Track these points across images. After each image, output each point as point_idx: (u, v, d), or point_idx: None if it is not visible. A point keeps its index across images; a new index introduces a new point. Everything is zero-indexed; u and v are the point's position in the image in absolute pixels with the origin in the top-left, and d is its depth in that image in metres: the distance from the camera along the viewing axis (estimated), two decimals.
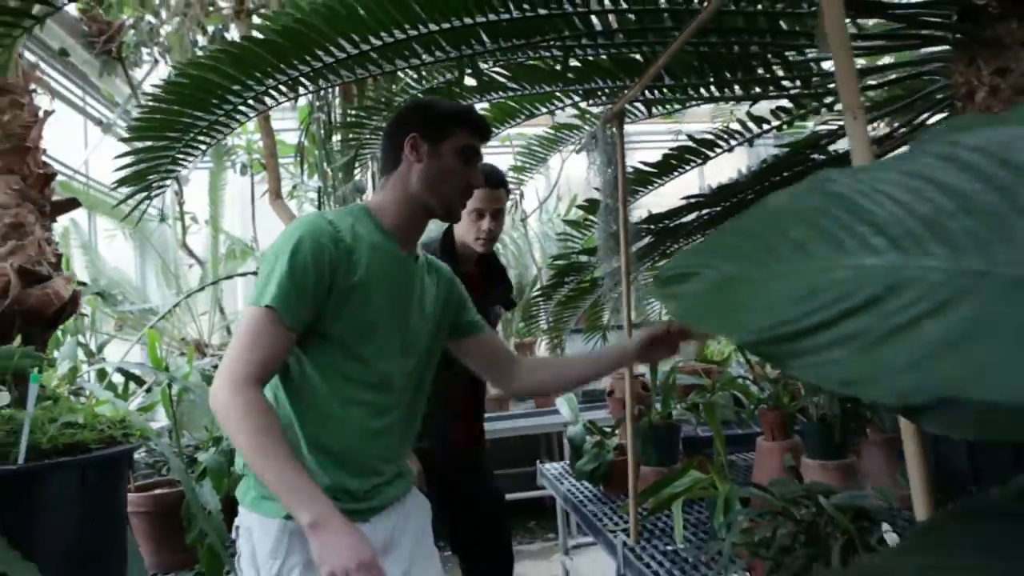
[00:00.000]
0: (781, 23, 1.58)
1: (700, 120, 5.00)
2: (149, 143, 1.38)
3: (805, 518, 1.27)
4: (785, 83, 1.79)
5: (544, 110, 2.17)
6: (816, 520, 1.25)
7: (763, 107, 2.15)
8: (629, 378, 1.94)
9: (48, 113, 2.12)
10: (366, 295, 1.26)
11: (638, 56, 1.79)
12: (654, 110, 2.10)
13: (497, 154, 4.28)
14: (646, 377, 2.42)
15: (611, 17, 1.66)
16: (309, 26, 1.18)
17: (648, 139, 5.23)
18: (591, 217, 2.44)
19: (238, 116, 1.40)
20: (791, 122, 2.02)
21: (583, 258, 2.48)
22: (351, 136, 2.64)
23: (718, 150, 2.18)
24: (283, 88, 1.37)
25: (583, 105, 2.18)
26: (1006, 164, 0.37)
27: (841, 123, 1.97)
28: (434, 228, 1.89)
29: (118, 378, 3.18)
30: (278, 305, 1.19)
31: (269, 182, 3.76)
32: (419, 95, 2.08)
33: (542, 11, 1.49)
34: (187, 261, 4.85)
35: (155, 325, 3.30)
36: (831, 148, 2.00)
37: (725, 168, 2.59)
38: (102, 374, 2.89)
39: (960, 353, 0.30)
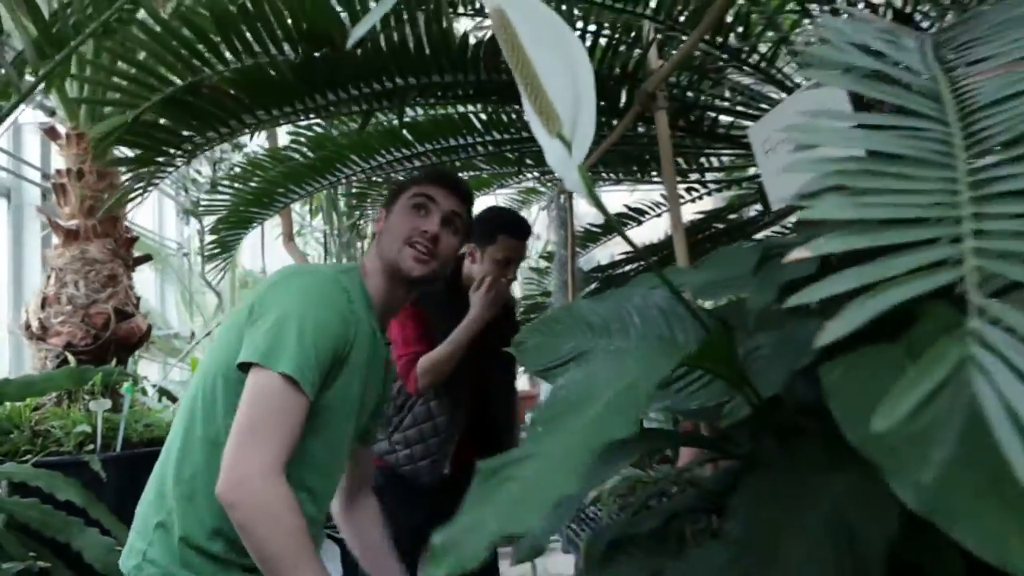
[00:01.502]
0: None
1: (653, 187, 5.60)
2: (227, 225, 1.98)
3: None
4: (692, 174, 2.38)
5: (511, 182, 2.76)
6: None
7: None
8: None
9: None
10: (351, 374, 1.17)
11: None
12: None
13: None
14: None
15: None
16: (339, 152, 1.77)
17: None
18: (551, 265, 3.02)
19: (281, 204, 1.99)
20: (701, 196, 2.61)
21: (543, 299, 3.06)
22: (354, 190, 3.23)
23: (649, 215, 2.77)
24: (316, 185, 1.96)
25: (543, 179, 2.77)
26: (642, 302, 0.93)
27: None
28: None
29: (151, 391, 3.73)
30: (298, 375, 1.05)
31: (283, 225, 4.33)
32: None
33: (524, 135, 2.08)
34: (204, 290, 5.41)
35: (191, 350, 3.86)
36: (730, 217, 2.60)
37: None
38: (144, 390, 3.44)
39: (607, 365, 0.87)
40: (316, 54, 1.35)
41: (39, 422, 2.06)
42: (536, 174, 2.66)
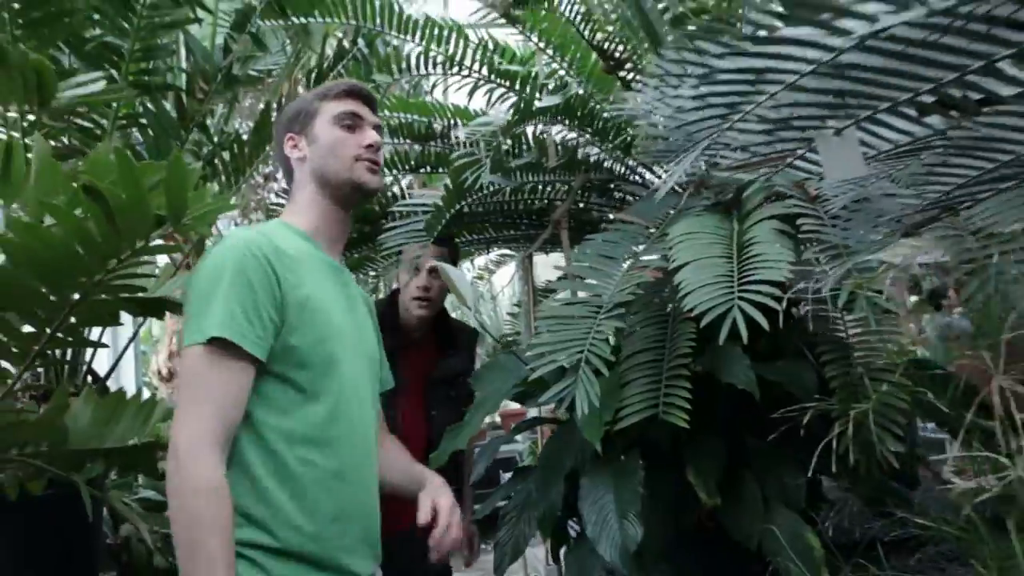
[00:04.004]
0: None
1: None
2: None
3: None
4: None
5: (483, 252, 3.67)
6: None
7: None
8: None
9: None
10: (317, 312, 1.08)
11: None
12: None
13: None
14: None
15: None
16: None
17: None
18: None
19: None
20: None
21: (516, 337, 3.96)
22: None
23: None
24: None
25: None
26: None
27: None
28: None
29: None
30: (227, 332, 0.97)
31: None
32: None
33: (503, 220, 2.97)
34: None
35: None
36: None
37: None
38: None
39: None
40: None
41: None
42: (507, 248, 3.57)
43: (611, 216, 2.24)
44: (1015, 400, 1.04)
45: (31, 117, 1.59)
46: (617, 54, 1.95)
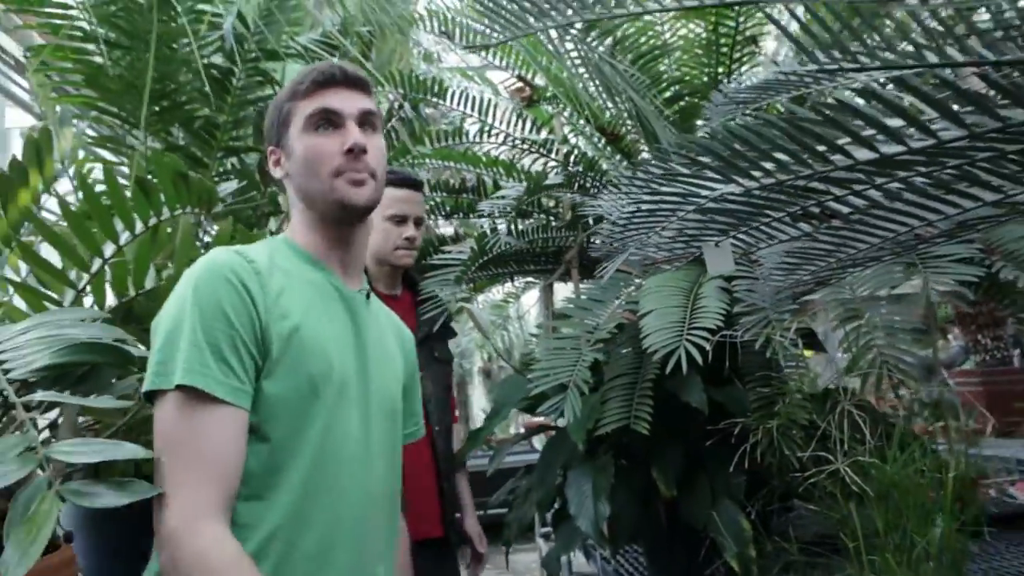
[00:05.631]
0: None
1: None
2: None
3: None
4: None
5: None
6: None
7: None
8: None
9: None
10: (306, 344, 0.91)
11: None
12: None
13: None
14: None
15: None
16: None
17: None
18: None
19: None
20: None
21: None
22: None
23: None
24: None
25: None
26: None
27: None
28: None
29: None
30: (197, 379, 0.81)
31: None
32: None
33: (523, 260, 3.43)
34: None
35: None
36: None
37: None
38: None
39: None
40: None
41: None
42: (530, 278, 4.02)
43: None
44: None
45: None
46: (614, 131, 2.40)
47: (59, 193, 1.43)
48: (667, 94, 2.27)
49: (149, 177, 1.32)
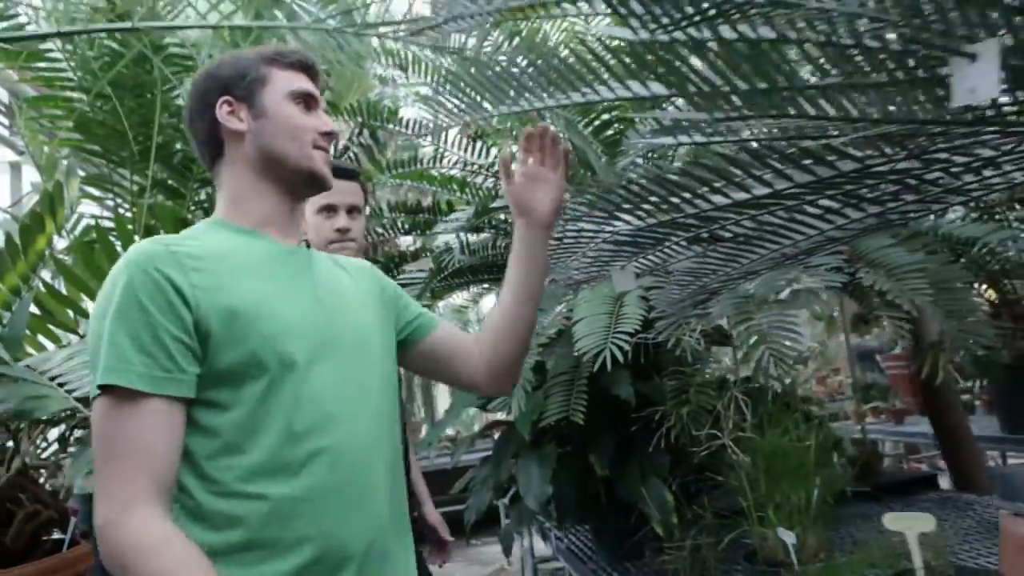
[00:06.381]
0: None
1: None
2: None
3: None
4: None
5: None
6: None
7: None
8: None
9: None
10: (253, 320, 0.89)
11: None
12: None
13: None
14: None
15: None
16: None
17: None
18: None
19: None
20: None
21: None
22: None
23: None
24: None
25: None
26: None
27: None
28: None
29: None
30: (116, 377, 0.83)
31: None
32: None
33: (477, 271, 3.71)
34: None
35: None
36: None
37: None
38: None
39: None
40: None
41: None
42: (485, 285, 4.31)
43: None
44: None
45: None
46: None
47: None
48: (597, 122, 2.58)
49: (153, 223, 1.57)
